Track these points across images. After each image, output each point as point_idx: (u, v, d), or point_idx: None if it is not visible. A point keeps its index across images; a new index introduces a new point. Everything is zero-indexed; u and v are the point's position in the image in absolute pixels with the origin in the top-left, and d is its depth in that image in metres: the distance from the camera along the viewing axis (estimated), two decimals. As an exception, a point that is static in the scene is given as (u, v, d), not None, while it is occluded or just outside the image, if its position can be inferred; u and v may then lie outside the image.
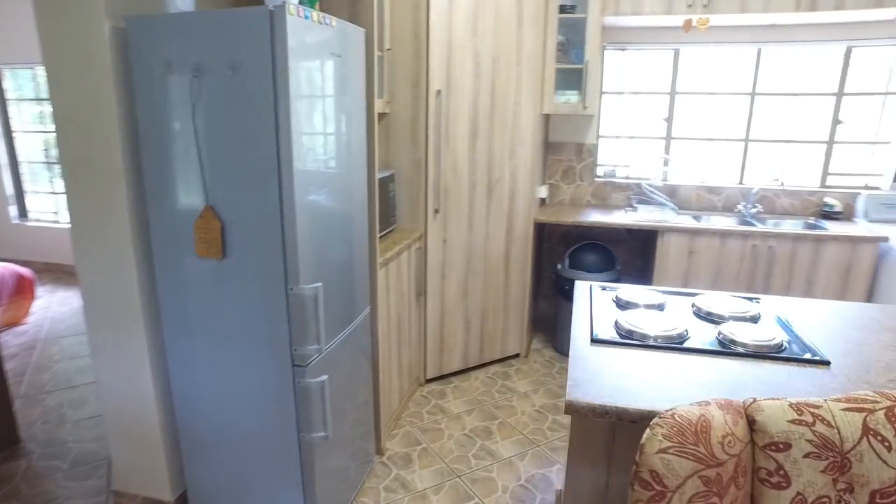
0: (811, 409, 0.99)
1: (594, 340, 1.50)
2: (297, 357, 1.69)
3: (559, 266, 3.53)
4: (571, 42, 3.41)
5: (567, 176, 3.83)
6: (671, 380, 1.30)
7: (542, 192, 3.72)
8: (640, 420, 1.17)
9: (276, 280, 1.63)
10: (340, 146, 1.84)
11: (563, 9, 3.17)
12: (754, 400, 1.03)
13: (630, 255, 3.84)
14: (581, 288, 1.95)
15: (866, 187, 3.52)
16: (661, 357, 1.43)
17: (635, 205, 3.67)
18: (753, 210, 3.47)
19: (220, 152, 1.59)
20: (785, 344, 1.48)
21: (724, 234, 3.13)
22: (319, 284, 1.68)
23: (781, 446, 0.96)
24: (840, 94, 3.44)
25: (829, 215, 3.41)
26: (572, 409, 1.19)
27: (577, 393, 1.23)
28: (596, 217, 3.36)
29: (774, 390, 1.26)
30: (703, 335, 1.56)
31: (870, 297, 3.10)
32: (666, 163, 3.69)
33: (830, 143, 3.51)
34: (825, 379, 1.32)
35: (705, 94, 3.59)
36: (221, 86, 1.54)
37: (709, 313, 1.71)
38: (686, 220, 3.28)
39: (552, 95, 3.26)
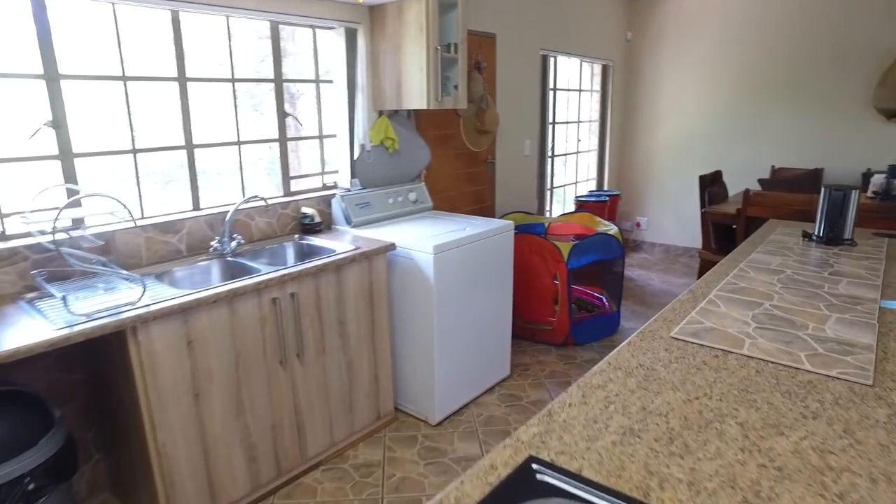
0: None
1: None
2: None
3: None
4: None
5: None
6: None
7: None
8: None
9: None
10: None
11: None
12: None
13: (65, 385, 2.16)
14: None
15: (324, 187, 3.10)
16: None
17: (46, 286, 2.00)
18: (234, 244, 2.47)
19: None
20: None
21: (231, 298, 2.03)
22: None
23: None
24: (279, 81, 2.78)
25: (311, 229, 2.80)
26: None
27: None
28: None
29: None
30: None
31: (392, 313, 2.72)
32: (76, 201, 2.14)
33: (283, 140, 2.85)
34: None
35: (104, 78, 2.22)
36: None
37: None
38: (163, 291, 1.97)
39: None
